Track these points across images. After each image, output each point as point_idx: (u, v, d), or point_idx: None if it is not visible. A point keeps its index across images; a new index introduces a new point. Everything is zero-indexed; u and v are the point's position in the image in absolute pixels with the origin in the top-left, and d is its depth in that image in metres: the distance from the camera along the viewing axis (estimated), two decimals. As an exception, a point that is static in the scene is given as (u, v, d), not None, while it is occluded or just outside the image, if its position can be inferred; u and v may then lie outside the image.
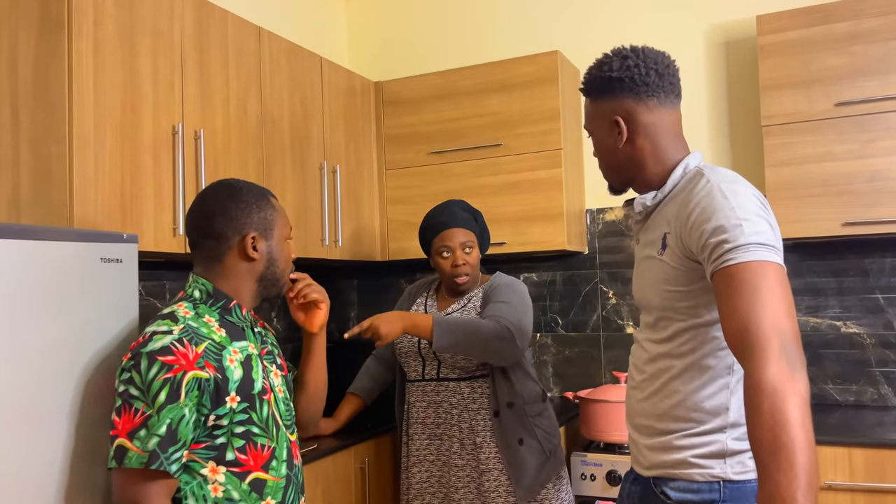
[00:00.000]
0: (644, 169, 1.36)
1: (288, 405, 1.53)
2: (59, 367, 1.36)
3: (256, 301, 1.51)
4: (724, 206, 1.19)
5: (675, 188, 1.32)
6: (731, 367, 1.26)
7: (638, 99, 1.33)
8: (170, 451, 1.27)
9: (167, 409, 1.27)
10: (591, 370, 2.92)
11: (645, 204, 1.35)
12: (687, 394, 1.28)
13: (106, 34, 1.81)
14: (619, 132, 1.35)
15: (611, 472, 2.25)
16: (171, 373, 1.29)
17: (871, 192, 2.30)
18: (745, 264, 1.14)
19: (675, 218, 1.27)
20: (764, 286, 1.12)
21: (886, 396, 2.52)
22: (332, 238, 2.65)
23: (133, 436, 1.27)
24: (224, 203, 1.46)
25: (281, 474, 1.43)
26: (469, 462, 2.10)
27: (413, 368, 2.20)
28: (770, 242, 1.16)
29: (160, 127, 1.95)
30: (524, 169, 2.74)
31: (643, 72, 1.32)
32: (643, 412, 1.34)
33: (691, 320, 1.27)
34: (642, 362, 1.36)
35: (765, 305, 1.10)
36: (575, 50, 3.01)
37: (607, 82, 1.34)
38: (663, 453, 1.30)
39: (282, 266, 1.52)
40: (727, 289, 1.15)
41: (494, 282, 2.20)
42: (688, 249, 1.24)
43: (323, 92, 2.67)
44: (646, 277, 1.36)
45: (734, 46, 2.80)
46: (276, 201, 1.54)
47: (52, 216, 1.70)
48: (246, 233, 1.45)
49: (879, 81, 2.30)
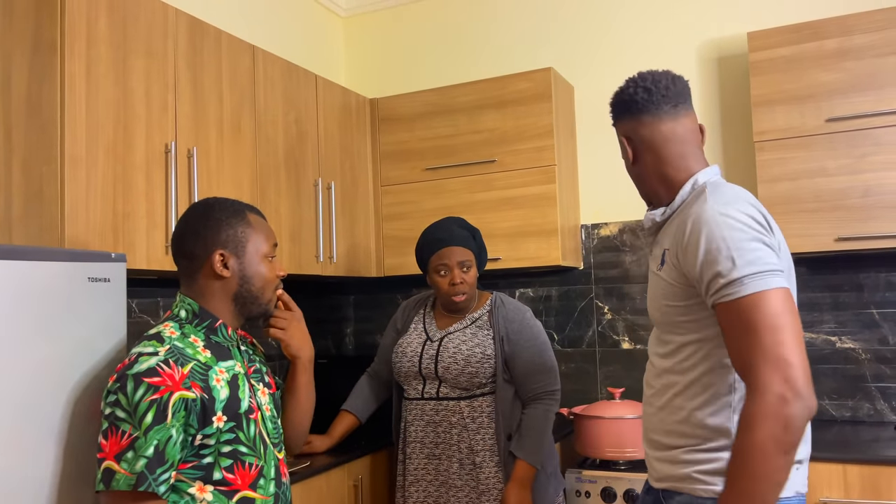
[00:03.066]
0: (652, 184, 1.41)
1: (275, 423, 1.52)
2: (46, 387, 1.36)
3: (240, 320, 1.50)
4: (716, 236, 1.21)
5: (683, 204, 1.35)
6: (733, 386, 1.27)
7: (633, 118, 1.40)
8: (157, 472, 1.27)
9: (154, 430, 1.27)
10: (587, 386, 2.91)
11: (653, 220, 1.40)
12: (690, 410, 1.30)
13: (99, 54, 1.83)
14: (627, 151, 1.43)
15: (605, 489, 2.24)
16: (158, 394, 1.28)
17: (865, 207, 2.31)
18: (740, 301, 1.16)
19: (674, 237, 1.30)
20: (761, 322, 1.14)
21: (882, 412, 2.51)
22: (327, 254, 2.66)
23: (120, 458, 1.26)
24: (194, 222, 1.47)
25: (269, 493, 1.43)
26: (468, 483, 2.09)
27: (413, 387, 2.19)
28: (766, 267, 1.17)
29: (153, 146, 1.96)
30: (518, 185, 2.74)
31: (632, 91, 1.40)
32: (653, 427, 1.38)
33: (690, 335, 1.30)
34: (652, 377, 1.41)
35: (763, 343, 1.13)
36: (569, 67, 3.03)
37: (613, 108, 1.45)
38: (671, 467, 1.33)
39: (258, 284, 1.47)
40: (728, 326, 1.19)
41: (504, 313, 2.18)
42: (683, 271, 1.27)
43: (318, 109, 2.68)
44: (650, 293, 1.41)
45: (726, 63, 2.81)
46: (257, 218, 1.51)
47: (44, 236, 1.71)
48: (213, 250, 1.44)
49: (870, 97, 2.31)
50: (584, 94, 3.01)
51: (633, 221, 2.89)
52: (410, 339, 2.23)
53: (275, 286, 1.51)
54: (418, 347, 2.19)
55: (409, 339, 2.24)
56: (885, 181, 2.29)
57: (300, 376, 1.60)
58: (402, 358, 2.20)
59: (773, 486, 1.11)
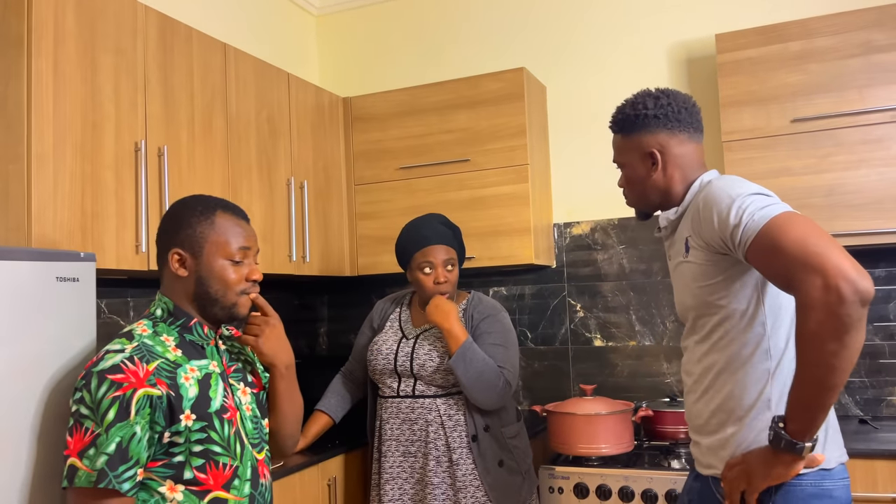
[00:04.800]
0: (673, 193, 1.51)
1: (257, 424, 1.50)
2: (15, 386, 1.35)
3: (210, 321, 1.47)
4: (723, 200, 1.32)
5: (693, 198, 1.46)
6: (769, 352, 1.36)
7: (671, 133, 1.50)
8: (120, 469, 1.26)
9: (116, 427, 1.26)
10: (560, 383, 2.94)
11: (669, 218, 1.51)
12: (734, 385, 1.37)
13: (67, 51, 1.80)
14: (653, 163, 1.51)
15: (578, 484, 2.26)
16: (121, 391, 1.28)
17: (829, 206, 2.36)
18: (758, 237, 1.25)
19: (691, 222, 1.42)
20: (783, 240, 1.22)
21: (847, 406, 2.57)
22: (300, 254, 2.65)
23: (83, 455, 1.26)
24: (165, 219, 1.47)
25: (243, 493, 1.42)
26: (445, 480, 2.09)
27: (388, 385, 2.19)
28: (769, 202, 1.28)
29: (122, 144, 1.94)
30: (491, 184, 2.76)
31: (676, 109, 1.50)
32: (698, 413, 1.45)
33: (723, 312, 1.38)
34: (691, 364, 1.48)
35: (792, 256, 1.20)
36: (541, 67, 3.06)
37: (643, 119, 1.51)
38: (719, 451, 1.39)
39: (216, 287, 1.42)
40: (762, 264, 1.26)
41: (480, 309, 2.19)
42: (710, 244, 1.36)
43: (290, 108, 2.67)
44: (679, 284, 1.49)
45: (696, 64, 2.86)
46: (227, 218, 1.45)
47: (10, 236, 1.68)
48: (170, 248, 1.43)
49: (833, 98, 2.37)
50: (556, 94, 3.04)
51: (604, 220, 2.93)
52: (386, 338, 2.24)
53: (240, 289, 1.45)
54: (394, 345, 2.20)
55: (384, 338, 2.24)
56: (847, 181, 2.34)
57: (278, 384, 1.57)
58: (378, 356, 2.20)
59: (829, 371, 1.16)
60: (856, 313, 1.13)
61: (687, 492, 1.53)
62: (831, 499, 1.33)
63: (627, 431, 2.31)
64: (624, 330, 2.87)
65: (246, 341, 1.53)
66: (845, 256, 1.16)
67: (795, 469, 1.27)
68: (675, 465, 2.26)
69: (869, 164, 2.32)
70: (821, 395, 1.19)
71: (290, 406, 1.60)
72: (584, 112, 2.99)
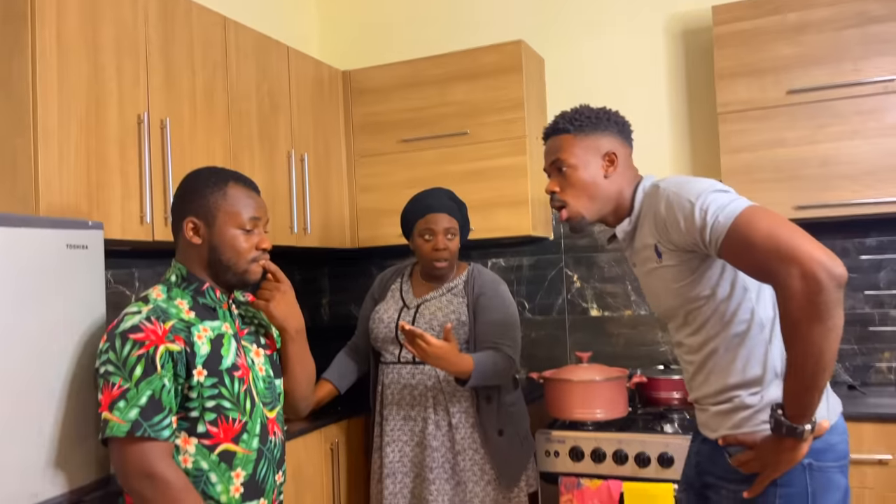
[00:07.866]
0: (622, 198, 1.53)
1: (269, 384, 1.57)
2: (27, 352, 1.40)
3: (223, 286, 1.55)
4: (683, 203, 1.36)
5: (643, 208, 1.49)
6: (762, 324, 1.41)
7: (621, 140, 1.56)
8: (156, 419, 1.34)
9: (145, 381, 1.34)
10: (557, 352, 3.00)
11: (625, 230, 1.54)
12: (736, 358, 1.42)
13: (69, 25, 1.83)
14: (609, 164, 1.53)
15: (574, 447, 2.33)
16: (144, 348, 1.36)
17: (822, 176, 2.39)
18: (728, 235, 1.28)
19: (654, 229, 1.44)
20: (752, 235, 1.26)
21: (836, 372, 2.63)
22: (301, 226, 2.69)
23: (113, 407, 1.34)
24: (179, 189, 1.55)
25: (252, 447, 1.49)
26: (444, 443, 2.16)
27: (390, 352, 2.25)
28: (729, 199, 1.33)
29: (126, 117, 1.97)
30: (490, 156, 2.79)
31: (621, 118, 1.58)
32: (706, 392, 1.49)
33: (711, 301, 1.42)
34: (690, 354, 1.51)
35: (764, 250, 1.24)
36: (538, 39, 3.06)
37: (605, 120, 1.55)
38: (728, 417, 1.43)
39: (228, 255, 1.50)
40: (736, 258, 1.31)
41: (480, 282, 2.23)
42: (680, 247, 1.39)
43: (290, 81, 2.69)
44: (658, 288, 1.51)
45: (692, 36, 2.87)
46: (239, 189, 1.53)
47: (18, 207, 1.72)
48: (185, 217, 1.50)
49: (829, 70, 2.38)
50: (554, 66, 3.05)
51: (601, 192, 2.96)
52: (387, 307, 2.29)
53: (251, 257, 1.52)
54: (395, 314, 2.25)
55: (385, 307, 2.29)
56: (841, 151, 2.37)
57: (289, 347, 1.65)
58: (379, 325, 2.25)
59: (819, 354, 1.21)
60: (834, 297, 1.18)
61: (695, 453, 1.57)
62: (834, 452, 1.38)
63: (622, 397, 2.37)
64: (620, 300, 2.92)
65: (258, 306, 1.61)
66: (815, 244, 1.20)
67: (802, 451, 1.30)
68: (668, 430, 2.32)
69: (863, 135, 2.35)
70: (814, 377, 1.23)
71: (302, 368, 1.68)
72: (582, 85, 3.00)
